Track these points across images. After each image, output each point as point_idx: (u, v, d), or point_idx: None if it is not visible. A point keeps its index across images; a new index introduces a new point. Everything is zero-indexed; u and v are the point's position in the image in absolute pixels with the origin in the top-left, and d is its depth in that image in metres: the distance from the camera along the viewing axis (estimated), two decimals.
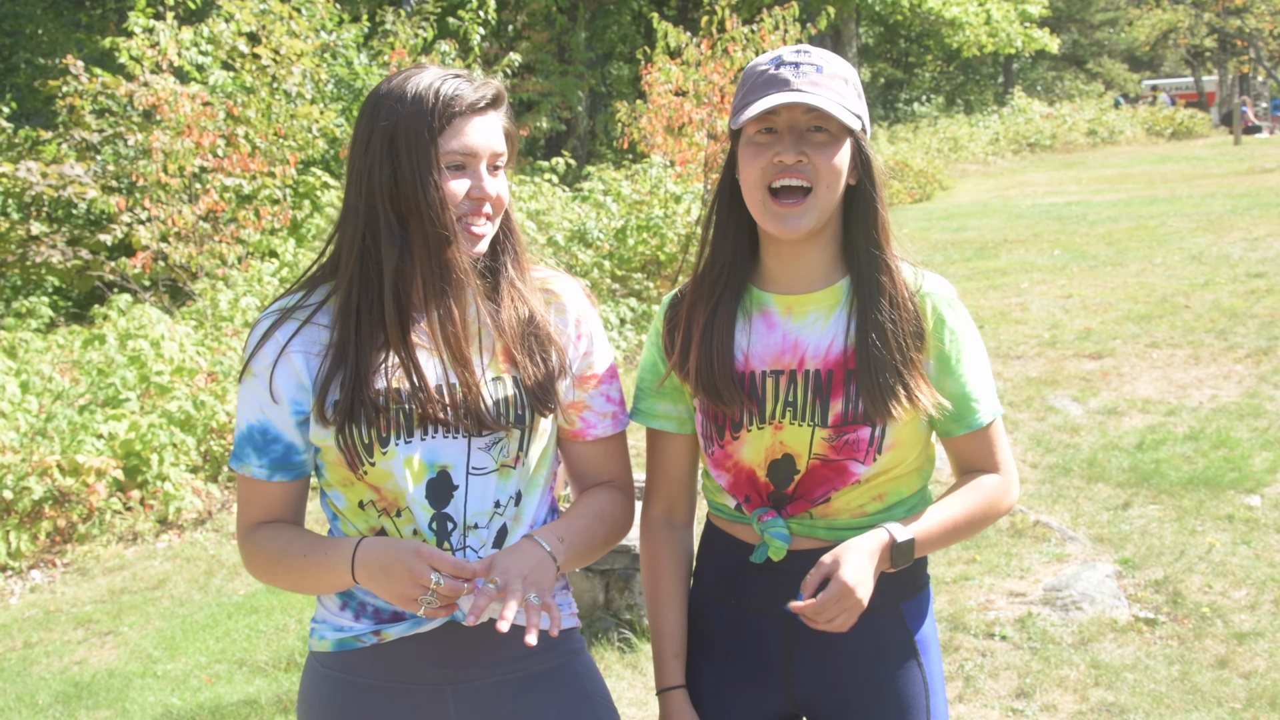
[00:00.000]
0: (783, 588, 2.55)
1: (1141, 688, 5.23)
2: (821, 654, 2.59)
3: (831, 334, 2.52)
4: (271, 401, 2.42)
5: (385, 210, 2.35)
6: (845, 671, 2.59)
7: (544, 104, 27.07)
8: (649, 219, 13.65)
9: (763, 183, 2.45)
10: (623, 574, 5.98)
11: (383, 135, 2.35)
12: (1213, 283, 12.53)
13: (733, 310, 2.57)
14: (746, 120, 2.44)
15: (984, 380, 2.57)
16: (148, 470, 8.68)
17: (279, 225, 13.21)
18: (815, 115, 2.43)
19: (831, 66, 2.47)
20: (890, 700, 2.59)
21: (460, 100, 2.35)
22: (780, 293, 2.57)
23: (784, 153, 2.42)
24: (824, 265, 2.56)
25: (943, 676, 2.68)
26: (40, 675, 6.48)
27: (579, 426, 2.58)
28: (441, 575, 2.21)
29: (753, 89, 2.47)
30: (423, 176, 2.32)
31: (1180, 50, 57.51)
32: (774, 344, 2.55)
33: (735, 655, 2.66)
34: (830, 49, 19.21)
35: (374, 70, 16.59)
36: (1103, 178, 26.09)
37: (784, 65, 2.46)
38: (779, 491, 2.56)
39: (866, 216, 2.54)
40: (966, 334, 2.57)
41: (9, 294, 14.06)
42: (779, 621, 2.60)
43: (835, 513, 2.55)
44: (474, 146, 2.36)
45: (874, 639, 2.59)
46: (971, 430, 2.56)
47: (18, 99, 20.02)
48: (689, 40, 13.89)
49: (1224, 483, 7.43)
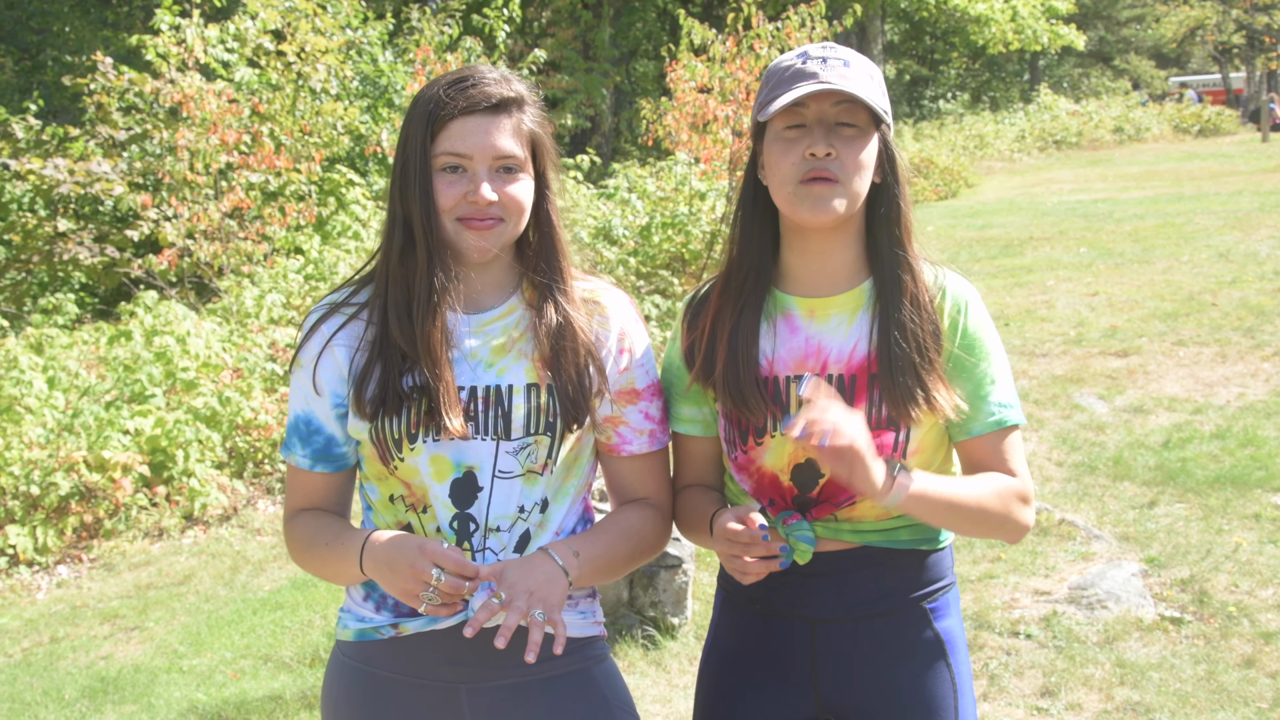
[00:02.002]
0: (809, 592, 2.56)
1: (1167, 687, 5.21)
2: (848, 656, 2.57)
3: (855, 338, 2.50)
4: (315, 393, 2.48)
5: (398, 209, 2.41)
6: (872, 673, 2.57)
7: (569, 101, 27.12)
8: (674, 216, 13.64)
9: (794, 177, 2.42)
10: (647, 571, 5.98)
11: (401, 136, 2.42)
12: (1240, 280, 12.47)
13: (757, 315, 2.55)
14: (775, 112, 2.42)
15: (1003, 383, 2.52)
16: (173, 466, 8.72)
17: (304, 222, 13.25)
18: (844, 109, 2.42)
19: (858, 62, 2.46)
20: (918, 701, 2.57)
21: (456, 102, 2.35)
22: (803, 295, 2.55)
23: (815, 145, 2.40)
24: (848, 266, 2.54)
25: (970, 675, 2.66)
26: (67, 670, 6.51)
27: (614, 441, 2.58)
28: (444, 572, 2.22)
29: (779, 84, 2.45)
30: (417, 178, 2.36)
31: (1208, 47, 57.20)
32: (797, 348, 2.53)
33: (762, 659, 2.64)
34: (856, 46, 19.19)
35: (399, 68, 16.62)
36: (1129, 175, 25.96)
37: (810, 60, 2.44)
38: (803, 495, 2.54)
39: (890, 215, 2.52)
40: (987, 336, 2.53)
41: (36, 290, 14.14)
42: (805, 626, 2.59)
43: (860, 515, 2.53)
44: (468, 148, 2.36)
45: (901, 639, 2.58)
46: (986, 432, 2.50)
47: (45, 96, 20.12)
48: (714, 37, 13.86)
49: (1251, 481, 7.39)
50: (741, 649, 2.68)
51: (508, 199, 2.39)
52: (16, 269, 14.10)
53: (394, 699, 2.49)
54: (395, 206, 2.41)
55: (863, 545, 2.53)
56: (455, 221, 2.38)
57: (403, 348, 2.40)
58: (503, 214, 2.40)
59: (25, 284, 14.20)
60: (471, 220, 2.38)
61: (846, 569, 2.55)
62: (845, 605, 2.56)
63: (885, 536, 2.54)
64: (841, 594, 2.55)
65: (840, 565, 2.53)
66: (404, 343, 2.39)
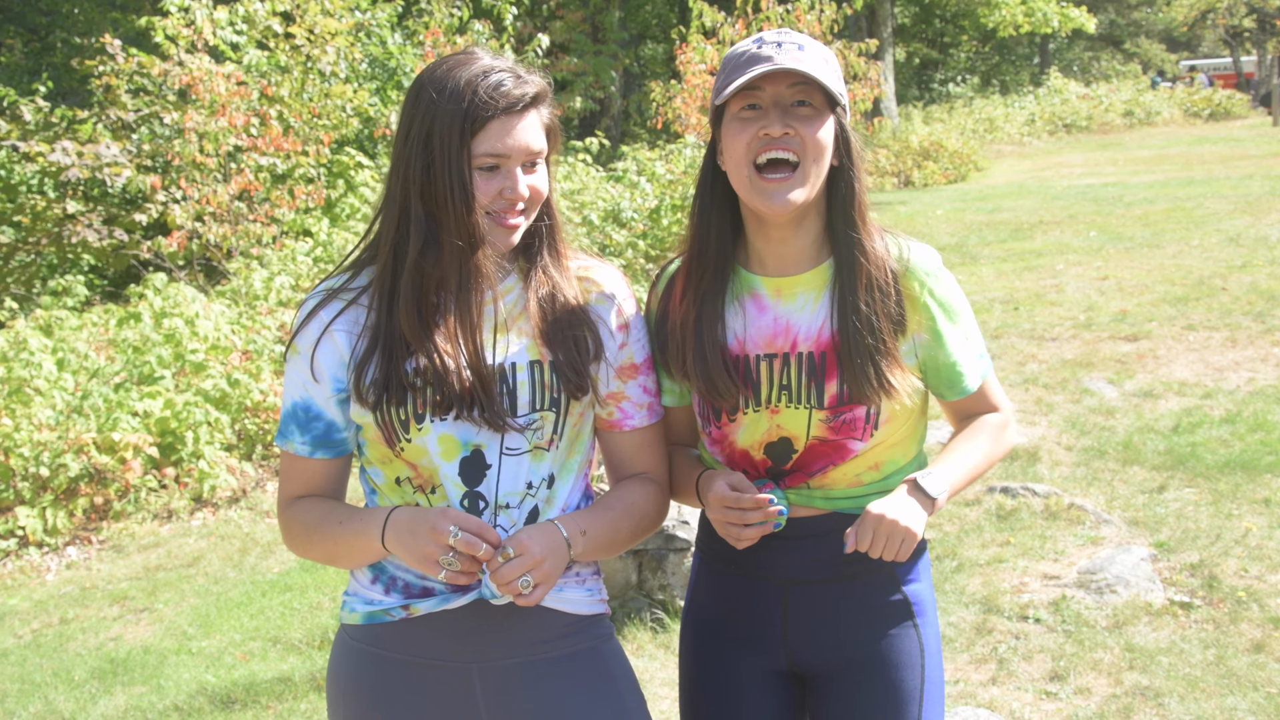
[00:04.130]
0: (782, 555, 2.63)
1: (1176, 671, 5.20)
2: (818, 617, 2.65)
3: (822, 315, 2.55)
4: (313, 380, 2.49)
5: (416, 203, 2.39)
6: (842, 633, 2.65)
7: (578, 84, 27.09)
8: (683, 199, 13.62)
9: (749, 158, 2.45)
10: (656, 554, 5.98)
11: (420, 129, 2.38)
12: (1250, 265, 12.44)
13: (721, 301, 2.59)
14: (730, 94, 2.45)
15: (973, 345, 2.63)
16: (183, 448, 8.73)
17: (313, 204, 13.27)
18: (800, 89, 2.45)
19: (812, 46, 2.49)
20: (886, 660, 2.64)
21: (496, 104, 2.36)
22: (768, 275, 2.59)
23: (770, 125, 2.43)
24: (810, 247, 2.58)
25: (939, 637, 2.73)
26: (76, 651, 6.53)
27: (616, 417, 2.60)
28: (461, 530, 2.28)
29: (735, 68, 2.48)
30: (452, 177, 2.36)
31: (1219, 30, 57.04)
32: (766, 327, 2.57)
33: (736, 620, 2.72)
34: (865, 29, 19.22)
35: (408, 50, 16.61)
36: (1139, 159, 25.91)
37: (765, 44, 2.47)
38: (777, 467, 2.61)
39: (845, 197, 2.55)
40: (954, 302, 2.59)
41: (45, 272, 14.17)
42: (778, 587, 2.66)
43: (832, 483, 2.61)
44: (507, 149, 2.38)
45: (869, 601, 2.65)
46: (965, 395, 2.65)
47: (54, 78, 20.14)
48: (724, 19, 13.85)
49: (1261, 466, 7.37)
50: (719, 610, 2.76)
51: (534, 191, 2.44)
52: (26, 251, 14.12)
53: (405, 681, 2.50)
54: (415, 204, 2.40)
55: (834, 511, 2.61)
56: (486, 216, 2.40)
57: (411, 335, 2.41)
58: (527, 205, 2.44)
59: (35, 266, 14.23)
60: (504, 215, 2.41)
61: (817, 533, 2.61)
62: (816, 568, 2.63)
63: (855, 503, 2.60)
64: (811, 557, 2.62)
65: (812, 530, 2.61)
66: (413, 331, 2.41)
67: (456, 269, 2.40)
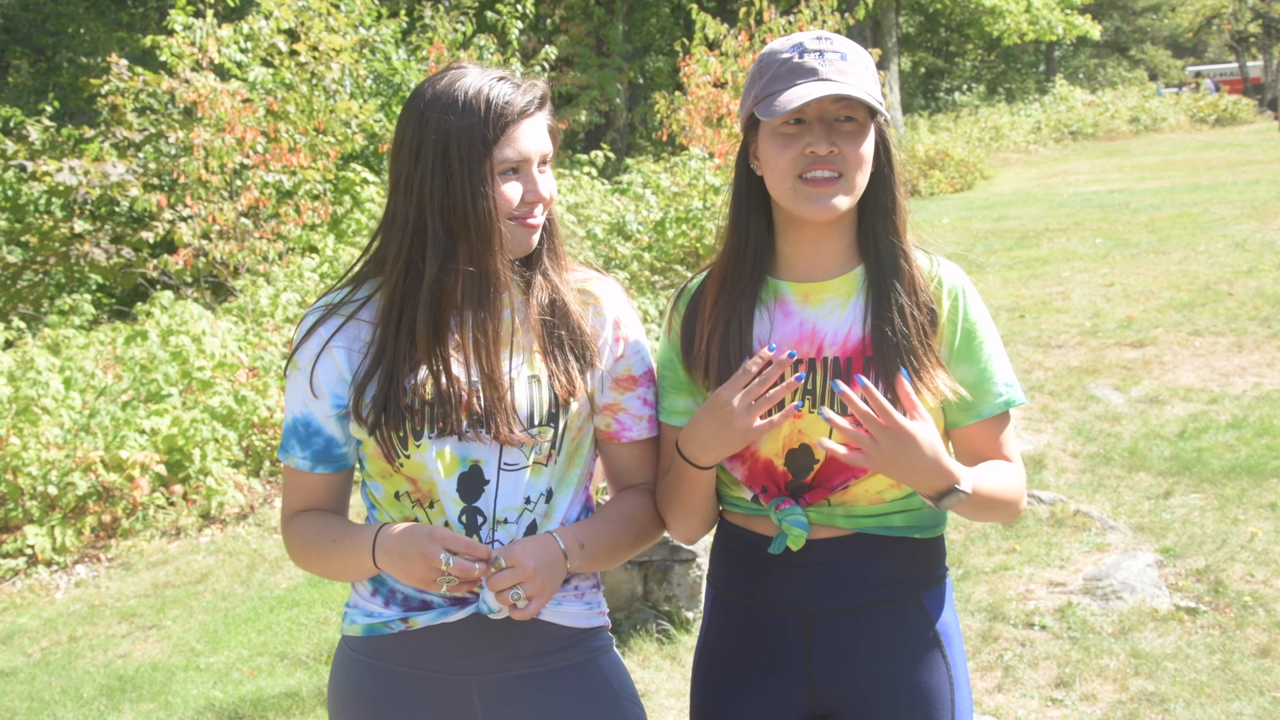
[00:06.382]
0: (802, 581, 2.54)
1: (1182, 677, 5.20)
2: (843, 648, 2.54)
3: (849, 321, 2.50)
4: (312, 395, 2.49)
5: (434, 221, 2.38)
6: (868, 666, 2.54)
7: (582, 97, 27.15)
8: (688, 211, 13.62)
9: (793, 172, 2.42)
10: (661, 565, 5.99)
11: (435, 146, 2.37)
12: (1256, 270, 12.42)
13: (753, 303, 2.55)
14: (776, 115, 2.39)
15: (1004, 364, 2.55)
16: (190, 465, 8.75)
17: (319, 221, 13.29)
18: (844, 105, 2.41)
19: (854, 53, 2.45)
20: (915, 694, 2.54)
21: (512, 107, 2.37)
22: (796, 280, 2.55)
23: (816, 144, 2.39)
24: (841, 252, 2.54)
25: (966, 666, 2.64)
26: (85, 668, 6.54)
27: (614, 428, 2.60)
28: (453, 556, 2.28)
29: (776, 77, 2.43)
30: (475, 187, 2.35)
31: (1224, 36, 57.02)
32: (791, 332, 2.52)
33: (755, 655, 2.60)
34: (870, 39, 19.17)
35: (412, 65, 16.64)
36: (1145, 165, 25.88)
37: (807, 53, 2.42)
38: (797, 481, 2.52)
39: (884, 203, 2.52)
40: (984, 320, 2.54)
41: (53, 291, 14.20)
42: (800, 618, 2.56)
43: (854, 499, 2.51)
44: (527, 152, 2.40)
45: (896, 632, 2.55)
46: (995, 414, 2.52)
47: (60, 98, 20.19)
48: (727, 31, 13.87)
49: (1266, 471, 7.37)
50: (735, 647, 2.64)
51: (550, 191, 2.48)
52: (33, 270, 14.16)
53: (405, 692, 2.50)
54: (432, 222, 2.38)
55: (856, 532, 2.51)
56: (509, 220, 2.41)
57: (424, 356, 2.41)
58: (544, 207, 2.48)
59: (42, 285, 14.26)
60: (525, 217, 2.43)
61: (840, 557, 2.52)
62: (839, 595, 2.53)
63: (879, 522, 2.52)
64: (835, 583, 2.53)
65: (833, 553, 2.51)
66: (426, 352, 2.41)
67: (475, 283, 2.39)
